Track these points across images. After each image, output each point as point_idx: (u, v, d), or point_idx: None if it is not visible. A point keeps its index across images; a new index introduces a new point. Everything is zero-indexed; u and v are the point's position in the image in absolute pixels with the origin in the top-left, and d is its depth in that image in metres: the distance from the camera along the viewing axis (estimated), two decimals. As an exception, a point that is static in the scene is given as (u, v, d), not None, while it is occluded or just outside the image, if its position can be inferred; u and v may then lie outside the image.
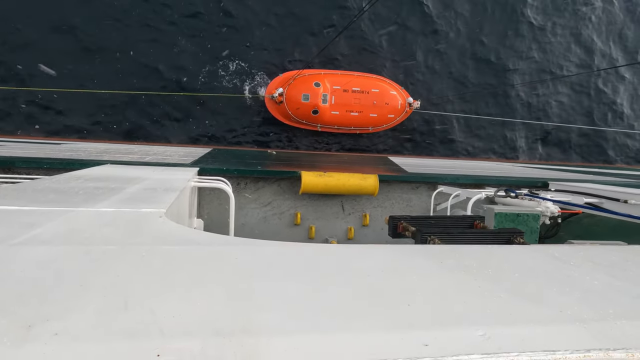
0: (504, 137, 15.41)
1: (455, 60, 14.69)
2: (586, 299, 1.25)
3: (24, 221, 1.84)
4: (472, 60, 14.87)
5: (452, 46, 14.65)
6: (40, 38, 11.38)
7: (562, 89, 16.14)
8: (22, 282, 1.15)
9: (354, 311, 1.08)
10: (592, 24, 16.42)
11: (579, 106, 16.37)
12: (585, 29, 16.29)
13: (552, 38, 15.86)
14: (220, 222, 5.56)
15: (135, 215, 2.14)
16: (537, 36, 15.63)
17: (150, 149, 8.81)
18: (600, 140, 16.79)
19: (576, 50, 16.21)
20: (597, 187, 5.54)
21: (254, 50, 12.89)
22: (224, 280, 1.27)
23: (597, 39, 16.46)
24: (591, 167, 13.92)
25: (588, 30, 16.33)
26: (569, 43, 16.10)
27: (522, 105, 15.57)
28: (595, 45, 16.45)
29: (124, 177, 3.69)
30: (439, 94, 14.34)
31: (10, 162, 5.22)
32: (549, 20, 15.82)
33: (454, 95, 14.39)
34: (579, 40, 16.23)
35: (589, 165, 15.35)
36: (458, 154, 14.79)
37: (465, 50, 14.78)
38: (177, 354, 0.80)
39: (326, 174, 5.87)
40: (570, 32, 16.11)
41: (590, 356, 0.89)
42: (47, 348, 0.79)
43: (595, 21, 16.47)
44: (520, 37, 15.42)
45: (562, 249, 1.90)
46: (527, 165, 12.25)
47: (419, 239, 3.06)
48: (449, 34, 14.59)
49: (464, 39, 14.75)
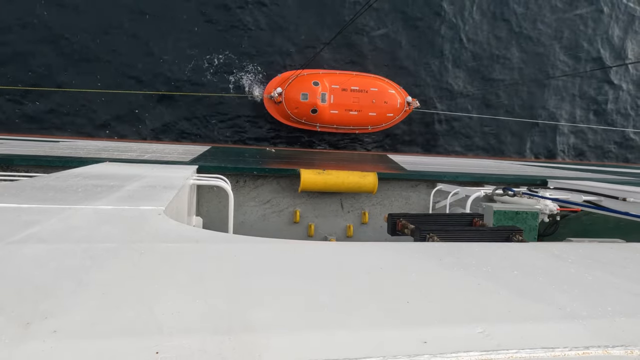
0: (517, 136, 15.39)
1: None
2: (585, 296, 1.26)
3: (22, 219, 1.84)
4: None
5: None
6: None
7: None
8: (21, 279, 1.15)
9: (353, 308, 1.08)
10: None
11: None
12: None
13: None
14: (220, 220, 5.55)
15: (134, 213, 2.14)
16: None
17: (149, 146, 8.80)
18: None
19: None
20: (595, 185, 5.54)
21: (254, 51, 12.88)
22: (223, 277, 1.27)
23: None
24: (590, 164, 13.95)
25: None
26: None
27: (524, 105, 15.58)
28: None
29: (123, 175, 3.68)
30: (441, 92, 14.34)
31: (9, 160, 5.21)
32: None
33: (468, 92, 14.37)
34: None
35: (587, 163, 15.37)
36: (457, 152, 14.80)
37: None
38: (176, 351, 0.80)
39: (325, 171, 5.86)
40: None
41: (589, 353, 0.89)
42: (45, 345, 0.79)
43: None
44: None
45: (561, 247, 1.90)
46: (526, 163, 12.27)
47: (418, 236, 3.07)
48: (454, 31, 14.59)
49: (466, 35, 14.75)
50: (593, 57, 16.37)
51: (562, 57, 15.90)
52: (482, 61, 14.95)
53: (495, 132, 15.23)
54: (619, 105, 16.84)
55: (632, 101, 16.96)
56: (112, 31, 11.90)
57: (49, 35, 11.45)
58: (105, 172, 3.94)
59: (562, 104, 16.02)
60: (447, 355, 0.84)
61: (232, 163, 6.40)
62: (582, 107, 16.34)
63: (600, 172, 9.43)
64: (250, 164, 6.65)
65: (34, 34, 11.36)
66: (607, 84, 16.67)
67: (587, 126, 16.19)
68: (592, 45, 16.31)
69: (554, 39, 15.78)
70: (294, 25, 13.15)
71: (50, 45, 11.50)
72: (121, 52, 11.95)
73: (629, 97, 16.98)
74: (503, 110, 15.20)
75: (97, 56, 11.80)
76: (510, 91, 15.30)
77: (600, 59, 16.42)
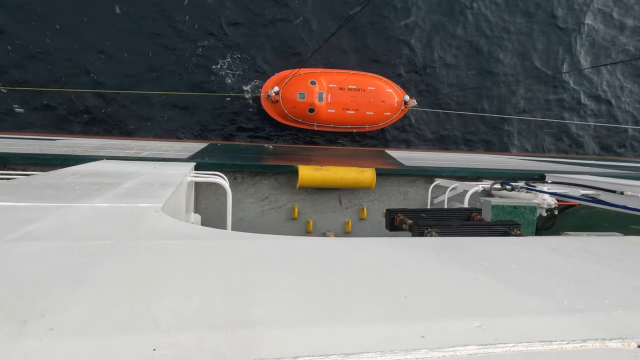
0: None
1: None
2: (582, 290, 1.26)
3: (19, 217, 1.83)
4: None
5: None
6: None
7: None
8: (18, 277, 1.14)
9: (351, 303, 1.08)
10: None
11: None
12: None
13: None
14: (218, 217, 5.55)
15: (132, 210, 2.13)
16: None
17: (146, 144, 8.77)
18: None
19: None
20: (593, 178, 5.55)
21: (251, 49, 12.82)
22: (221, 273, 1.27)
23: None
24: (588, 158, 13.96)
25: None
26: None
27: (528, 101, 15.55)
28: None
29: (120, 173, 3.67)
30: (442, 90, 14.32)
31: (5, 159, 5.19)
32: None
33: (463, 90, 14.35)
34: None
35: (585, 157, 15.38)
36: (455, 147, 14.79)
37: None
38: (174, 348, 0.79)
39: (323, 167, 5.86)
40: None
41: (587, 346, 0.89)
42: (42, 343, 0.78)
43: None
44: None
45: (558, 241, 1.90)
46: (524, 158, 12.27)
47: (416, 231, 3.07)
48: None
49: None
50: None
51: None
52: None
53: (498, 128, 15.21)
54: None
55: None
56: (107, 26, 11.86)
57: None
58: (102, 169, 3.93)
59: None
60: (444, 349, 0.84)
61: (230, 160, 6.38)
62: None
63: (598, 166, 9.44)
64: (248, 160, 6.64)
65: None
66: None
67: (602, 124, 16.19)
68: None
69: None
70: (296, 21, 13.10)
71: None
72: (119, 49, 11.92)
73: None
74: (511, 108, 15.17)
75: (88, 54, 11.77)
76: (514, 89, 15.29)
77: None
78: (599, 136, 16.49)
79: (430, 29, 14.43)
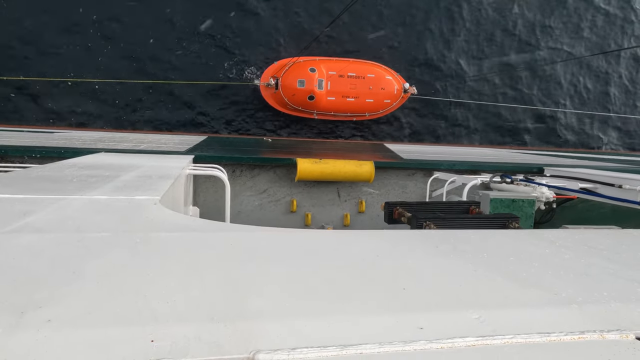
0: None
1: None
2: (580, 282, 1.26)
3: (17, 209, 1.83)
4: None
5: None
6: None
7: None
8: (15, 269, 1.14)
9: (350, 295, 1.08)
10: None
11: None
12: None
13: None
14: (216, 210, 5.54)
15: (130, 202, 2.12)
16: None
17: (144, 137, 8.74)
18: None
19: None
20: (591, 172, 5.56)
21: (249, 38, 12.73)
22: (219, 265, 1.27)
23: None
24: (586, 152, 13.97)
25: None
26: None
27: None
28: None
29: (118, 165, 3.66)
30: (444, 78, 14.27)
31: (3, 151, 5.17)
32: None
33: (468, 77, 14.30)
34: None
35: (584, 150, 15.37)
36: (454, 140, 14.76)
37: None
38: (172, 340, 0.79)
39: (322, 160, 5.85)
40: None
41: (585, 338, 0.89)
42: (39, 335, 0.78)
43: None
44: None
45: (556, 234, 1.91)
46: (523, 151, 12.27)
47: (415, 224, 3.07)
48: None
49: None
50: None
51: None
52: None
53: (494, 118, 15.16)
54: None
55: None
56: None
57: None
58: (100, 162, 3.92)
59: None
60: (443, 341, 0.84)
61: (229, 153, 6.37)
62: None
63: (597, 160, 9.45)
64: (246, 153, 6.62)
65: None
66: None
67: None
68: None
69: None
70: (296, 12, 13.01)
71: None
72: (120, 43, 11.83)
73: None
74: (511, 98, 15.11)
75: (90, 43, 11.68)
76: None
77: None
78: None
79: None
